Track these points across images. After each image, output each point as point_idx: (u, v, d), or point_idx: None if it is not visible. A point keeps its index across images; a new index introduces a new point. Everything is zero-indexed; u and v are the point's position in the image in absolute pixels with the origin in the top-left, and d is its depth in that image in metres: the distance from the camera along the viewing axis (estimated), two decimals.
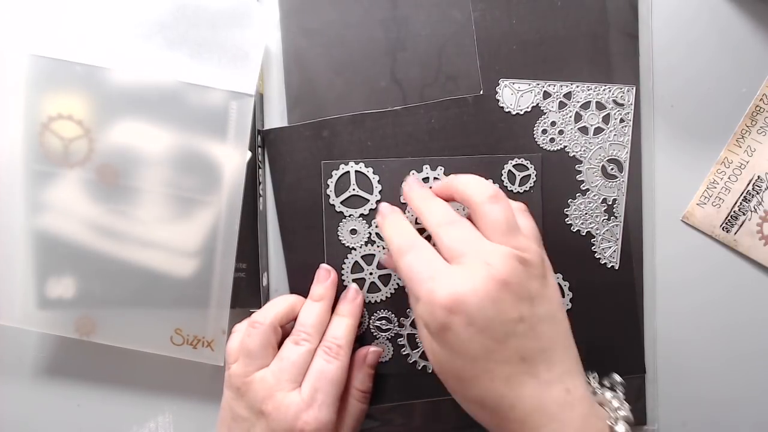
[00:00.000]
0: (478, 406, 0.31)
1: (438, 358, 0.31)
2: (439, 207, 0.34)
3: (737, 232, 0.41)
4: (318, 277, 0.40)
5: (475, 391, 0.30)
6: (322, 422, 0.35)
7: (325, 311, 0.39)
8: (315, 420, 0.35)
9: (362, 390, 0.39)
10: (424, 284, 0.30)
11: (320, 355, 0.37)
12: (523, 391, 0.29)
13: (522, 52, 0.40)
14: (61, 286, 0.38)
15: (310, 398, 0.35)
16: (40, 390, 0.43)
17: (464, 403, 0.31)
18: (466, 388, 0.30)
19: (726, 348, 0.42)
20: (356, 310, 0.39)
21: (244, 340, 0.37)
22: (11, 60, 0.37)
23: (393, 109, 0.40)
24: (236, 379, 0.36)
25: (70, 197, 0.38)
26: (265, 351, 0.36)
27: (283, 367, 0.36)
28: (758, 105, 0.40)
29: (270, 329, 0.37)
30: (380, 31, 0.41)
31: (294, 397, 0.35)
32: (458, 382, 0.31)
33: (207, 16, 0.37)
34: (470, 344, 0.29)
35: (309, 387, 0.35)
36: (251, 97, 0.37)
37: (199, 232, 0.38)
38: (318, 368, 0.36)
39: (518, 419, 0.29)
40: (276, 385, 0.35)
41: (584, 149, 0.40)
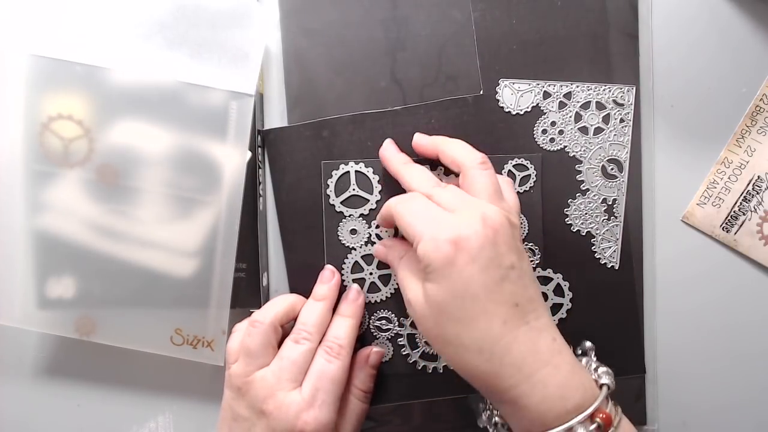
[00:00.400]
0: (476, 351, 0.31)
1: (436, 304, 0.31)
2: (422, 172, 0.36)
3: (737, 232, 0.41)
4: (322, 277, 0.40)
5: (474, 334, 0.30)
6: (322, 422, 0.35)
7: (326, 311, 0.39)
8: (315, 420, 0.35)
9: (363, 390, 0.39)
10: (427, 224, 0.32)
11: (321, 355, 0.37)
12: (518, 334, 0.31)
13: (522, 52, 0.40)
14: (61, 286, 0.38)
15: (310, 398, 0.35)
16: (40, 390, 0.43)
17: (460, 353, 0.31)
18: (464, 332, 0.31)
19: (726, 348, 0.42)
20: (358, 311, 0.39)
21: (245, 340, 0.37)
22: (11, 60, 0.37)
23: (393, 109, 0.40)
24: (237, 378, 0.36)
25: (70, 197, 0.38)
26: (265, 350, 0.36)
27: (283, 366, 0.36)
28: (758, 105, 0.40)
29: (270, 328, 0.37)
30: (380, 31, 0.41)
31: (294, 396, 0.35)
32: (456, 326, 0.31)
33: (207, 16, 0.37)
34: (472, 282, 0.30)
35: (310, 386, 0.35)
36: (251, 97, 0.37)
37: (199, 232, 0.38)
38: (319, 368, 0.36)
39: (514, 363, 0.30)
40: (276, 384, 0.35)
41: (584, 149, 0.40)
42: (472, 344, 0.31)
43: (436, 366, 0.41)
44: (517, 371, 0.30)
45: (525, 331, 0.31)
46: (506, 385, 0.30)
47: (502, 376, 0.30)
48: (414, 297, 0.33)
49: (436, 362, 0.41)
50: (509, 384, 0.30)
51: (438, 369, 0.41)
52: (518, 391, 0.30)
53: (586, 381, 0.31)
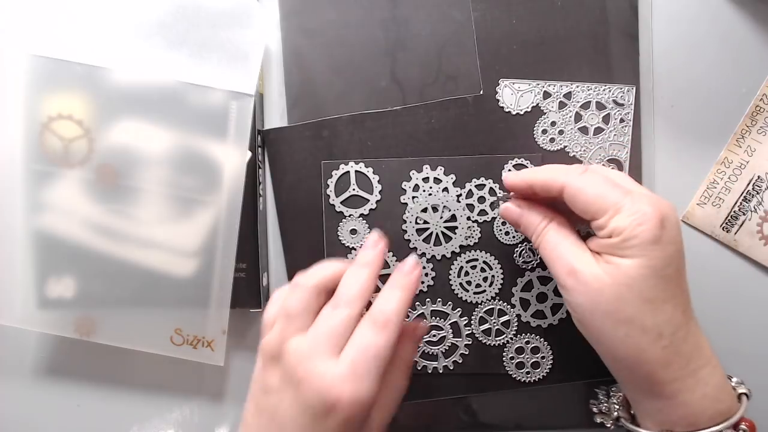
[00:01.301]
0: (655, 336, 0.30)
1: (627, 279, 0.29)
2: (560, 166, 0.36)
3: (737, 232, 0.41)
4: (367, 243, 0.35)
5: (660, 317, 0.29)
6: (359, 396, 0.30)
7: (371, 279, 0.34)
8: (352, 393, 0.30)
9: (406, 363, 0.35)
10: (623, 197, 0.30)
11: (365, 325, 0.32)
12: (691, 326, 0.30)
13: (522, 52, 0.40)
14: (61, 286, 0.38)
15: (349, 369, 0.30)
16: (40, 390, 0.43)
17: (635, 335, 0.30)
18: (649, 313, 0.29)
19: (726, 348, 0.42)
20: (412, 285, 0.34)
21: (285, 300, 0.33)
22: (11, 60, 0.37)
23: (393, 109, 0.40)
24: (271, 344, 0.32)
25: (69, 197, 0.38)
26: (305, 314, 0.33)
27: (320, 332, 0.32)
28: (758, 105, 0.40)
29: (313, 291, 0.33)
30: (380, 31, 0.41)
31: (331, 365, 0.30)
32: (643, 306, 0.29)
33: (207, 16, 0.37)
34: (671, 262, 0.29)
35: (349, 357, 0.31)
36: (251, 97, 0.37)
37: (199, 232, 0.38)
38: (362, 338, 0.31)
39: (686, 354, 0.30)
40: (312, 351, 0.31)
41: (584, 149, 0.40)
42: (653, 328, 0.29)
43: (436, 366, 0.41)
44: (686, 364, 0.30)
45: (694, 323, 0.30)
46: (671, 377, 0.30)
47: (672, 367, 0.30)
48: (587, 269, 0.31)
49: (436, 362, 0.41)
50: (675, 376, 0.30)
51: (438, 369, 0.41)
52: (681, 385, 0.30)
53: (730, 387, 0.31)
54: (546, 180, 0.33)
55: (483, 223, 0.40)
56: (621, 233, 0.30)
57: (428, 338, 0.41)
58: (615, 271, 0.30)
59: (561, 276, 0.32)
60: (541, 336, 0.40)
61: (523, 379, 0.41)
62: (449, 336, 0.41)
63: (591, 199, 0.31)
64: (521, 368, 0.40)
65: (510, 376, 0.41)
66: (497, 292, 0.40)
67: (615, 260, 0.30)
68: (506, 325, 0.40)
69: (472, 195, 0.40)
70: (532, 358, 0.40)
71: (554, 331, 0.40)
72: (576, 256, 0.31)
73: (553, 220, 0.34)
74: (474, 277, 0.40)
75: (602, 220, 0.30)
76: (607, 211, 0.30)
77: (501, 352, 0.41)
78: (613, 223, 0.30)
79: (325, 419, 0.30)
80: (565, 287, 0.32)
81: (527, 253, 0.40)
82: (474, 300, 0.40)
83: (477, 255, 0.40)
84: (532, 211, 0.35)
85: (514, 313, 0.40)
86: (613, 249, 0.30)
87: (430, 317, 0.41)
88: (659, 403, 0.31)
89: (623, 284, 0.29)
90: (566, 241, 0.32)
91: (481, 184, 0.40)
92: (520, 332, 0.40)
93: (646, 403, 0.32)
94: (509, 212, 0.36)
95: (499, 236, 0.40)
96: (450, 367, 0.41)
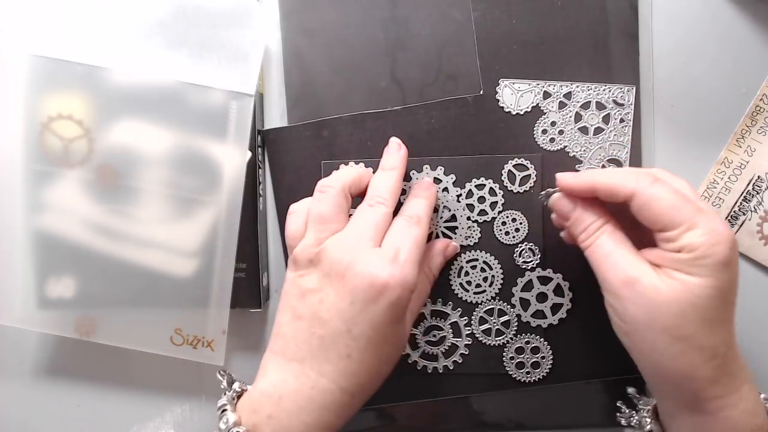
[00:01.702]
0: (709, 355, 0.29)
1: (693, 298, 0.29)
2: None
3: (737, 232, 0.41)
4: (388, 149, 0.38)
5: (717, 337, 0.29)
6: (407, 279, 0.31)
7: (399, 180, 0.36)
8: (402, 275, 0.31)
9: (434, 273, 0.38)
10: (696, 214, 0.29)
11: (401, 221, 0.34)
12: (734, 346, 0.31)
13: (522, 52, 0.40)
14: (61, 286, 0.38)
15: (394, 255, 0.32)
16: (40, 390, 0.43)
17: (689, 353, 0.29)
18: (708, 333, 0.29)
19: None
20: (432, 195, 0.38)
21: (314, 206, 0.34)
22: (11, 60, 0.37)
23: (393, 109, 0.40)
24: (306, 250, 0.33)
25: (70, 197, 0.38)
26: (338, 215, 0.34)
27: (360, 226, 0.33)
28: (758, 105, 0.40)
29: (342, 193, 0.34)
30: (380, 31, 0.41)
31: (376, 253, 0.32)
32: (703, 326, 0.29)
33: (207, 16, 0.37)
34: (734, 284, 0.30)
35: (392, 245, 0.32)
36: (251, 97, 0.37)
37: (199, 232, 0.38)
38: (400, 229, 0.33)
39: (732, 373, 0.30)
40: (356, 242, 0.32)
41: (584, 149, 0.40)
42: (709, 348, 0.29)
43: (437, 366, 0.41)
44: (732, 381, 0.30)
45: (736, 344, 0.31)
46: (716, 394, 0.30)
47: (719, 384, 0.30)
48: (647, 281, 0.30)
49: (437, 362, 0.41)
50: (720, 393, 0.30)
51: (438, 369, 0.41)
52: (725, 402, 0.30)
53: (762, 402, 0.31)
54: (614, 185, 0.32)
55: (483, 223, 0.40)
56: (694, 250, 0.29)
57: (428, 338, 0.41)
58: (680, 288, 0.29)
59: (614, 284, 0.31)
60: (541, 336, 0.40)
61: (523, 379, 0.41)
62: (449, 336, 0.41)
63: (664, 210, 0.30)
64: (521, 368, 0.40)
65: (510, 376, 0.41)
66: (497, 292, 0.40)
67: (681, 276, 0.29)
68: (506, 325, 0.40)
69: (472, 195, 0.40)
70: (532, 358, 0.40)
71: (554, 331, 0.40)
72: (635, 265, 0.31)
73: (608, 222, 0.33)
74: (474, 277, 0.40)
75: (673, 233, 0.30)
76: (681, 225, 0.29)
77: (501, 352, 0.41)
78: (687, 239, 0.29)
79: (375, 304, 0.31)
80: (619, 297, 0.31)
81: (527, 253, 0.40)
82: (474, 300, 0.40)
83: (477, 255, 0.40)
84: (587, 207, 0.33)
85: (514, 313, 0.40)
86: (682, 265, 0.29)
87: (430, 317, 0.41)
88: (699, 418, 0.30)
89: (687, 302, 0.29)
90: (623, 247, 0.32)
91: (481, 184, 0.40)
92: (520, 332, 0.40)
93: (685, 417, 0.31)
94: (560, 204, 0.34)
95: (499, 236, 0.40)
96: (450, 367, 0.41)
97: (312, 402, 0.31)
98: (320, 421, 0.31)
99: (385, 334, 0.31)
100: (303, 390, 0.31)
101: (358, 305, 0.31)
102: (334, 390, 0.31)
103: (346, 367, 0.31)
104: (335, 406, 0.31)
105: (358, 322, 0.31)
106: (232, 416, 0.31)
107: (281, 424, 0.30)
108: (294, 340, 0.32)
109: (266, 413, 0.31)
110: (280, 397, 0.31)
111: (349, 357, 0.31)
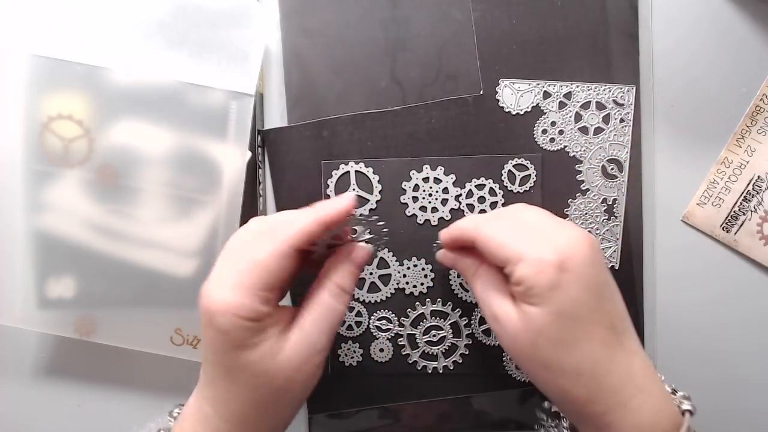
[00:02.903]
0: (574, 375, 0.29)
1: (536, 327, 0.29)
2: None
3: (737, 232, 0.41)
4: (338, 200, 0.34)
5: (575, 357, 0.29)
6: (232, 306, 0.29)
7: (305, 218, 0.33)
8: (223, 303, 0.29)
9: (342, 286, 0.33)
10: (524, 245, 0.30)
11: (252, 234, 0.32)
12: (615, 356, 0.30)
13: (522, 52, 0.40)
14: (61, 286, 0.38)
15: (228, 276, 0.30)
16: (40, 390, 0.43)
17: (556, 377, 0.30)
18: (564, 356, 0.29)
19: (726, 348, 0.42)
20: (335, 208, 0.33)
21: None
22: (11, 60, 0.37)
23: (393, 109, 0.40)
24: None
25: (70, 197, 0.38)
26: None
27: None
28: (758, 105, 0.40)
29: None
30: (380, 31, 0.41)
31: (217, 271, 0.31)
32: (556, 349, 0.29)
33: (207, 16, 0.37)
34: (576, 302, 0.29)
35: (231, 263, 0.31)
36: (251, 97, 0.37)
37: (199, 232, 0.38)
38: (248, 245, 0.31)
39: (611, 387, 0.29)
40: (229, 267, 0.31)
41: (584, 149, 0.40)
42: (571, 368, 0.29)
43: (436, 366, 0.41)
44: (613, 395, 0.29)
45: (622, 353, 0.30)
46: (601, 410, 0.29)
47: (598, 401, 0.29)
48: (505, 317, 0.31)
49: (436, 362, 0.41)
50: (603, 410, 0.29)
51: (438, 369, 0.41)
52: (612, 417, 0.29)
53: (672, 407, 0.31)
54: (462, 232, 0.34)
55: None
56: (523, 283, 0.30)
57: (428, 338, 0.41)
58: (526, 318, 0.30)
59: (488, 321, 0.33)
60: None
61: (523, 379, 0.41)
62: (449, 336, 0.41)
63: (496, 248, 0.31)
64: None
65: (510, 376, 0.41)
66: None
67: (525, 307, 0.30)
68: None
69: (472, 195, 0.40)
70: None
71: None
72: (498, 302, 0.32)
73: (481, 266, 0.34)
74: None
75: (508, 268, 0.31)
76: (511, 260, 0.30)
77: (501, 352, 0.41)
78: (518, 272, 0.30)
79: (207, 328, 0.30)
80: (494, 332, 0.33)
81: None
82: (474, 300, 0.40)
83: None
84: (464, 257, 0.35)
85: None
86: (522, 297, 0.30)
87: (430, 317, 0.41)
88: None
89: (534, 331, 0.29)
90: (490, 286, 0.33)
91: (481, 184, 0.40)
92: None
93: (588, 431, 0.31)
94: (444, 259, 0.37)
95: None
96: (450, 367, 0.41)
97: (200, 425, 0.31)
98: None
99: (233, 361, 0.30)
100: (197, 415, 0.31)
101: (203, 331, 0.31)
102: (213, 416, 0.31)
103: (218, 394, 0.31)
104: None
105: (206, 346, 0.31)
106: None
107: None
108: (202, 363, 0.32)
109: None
110: (183, 421, 0.32)
111: (214, 384, 0.31)
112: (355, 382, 0.41)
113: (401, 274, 0.40)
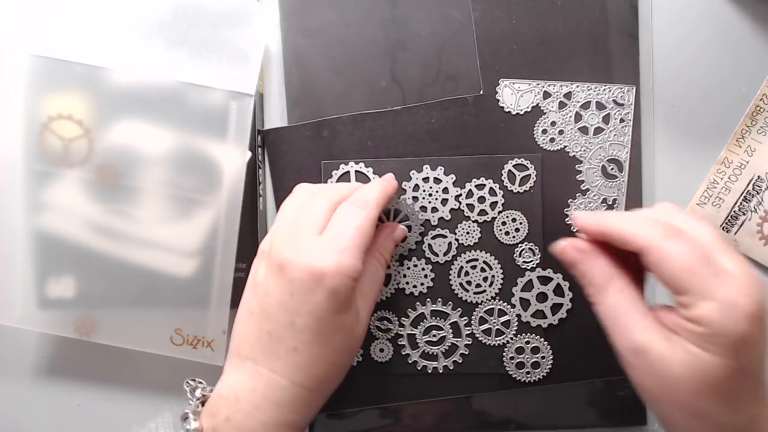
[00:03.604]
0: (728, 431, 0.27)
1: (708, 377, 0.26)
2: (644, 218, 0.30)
3: (737, 232, 0.41)
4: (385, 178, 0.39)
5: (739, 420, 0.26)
6: (345, 266, 0.30)
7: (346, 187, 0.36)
8: (338, 262, 0.30)
9: (384, 257, 0.36)
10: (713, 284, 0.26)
11: (345, 206, 0.33)
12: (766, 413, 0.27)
13: (522, 52, 0.40)
14: (61, 286, 0.38)
15: (332, 241, 0.31)
16: (40, 390, 0.43)
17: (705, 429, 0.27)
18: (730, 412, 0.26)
19: None
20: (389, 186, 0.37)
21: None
22: (11, 60, 0.37)
23: (393, 109, 0.40)
24: (263, 245, 0.34)
25: (70, 197, 0.38)
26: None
27: (299, 216, 0.33)
28: (758, 105, 0.40)
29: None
30: (380, 31, 0.41)
31: (315, 241, 0.31)
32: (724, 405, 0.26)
33: (207, 16, 0.37)
34: (760, 360, 0.26)
35: (330, 232, 0.32)
36: (251, 97, 0.37)
37: (199, 232, 0.38)
38: (342, 215, 0.32)
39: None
40: (297, 233, 0.32)
41: (584, 149, 0.40)
42: (729, 425, 0.26)
43: (437, 366, 0.41)
44: None
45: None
46: None
47: None
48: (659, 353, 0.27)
49: (437, 362, 0.41)
50: None
51: (438, 369, 0.41)
52: None
53: None
54: (626, 234, 0.29)
55: (483, 223, 0.40)
56: (708, 325, 0.26)
57: (428, 338, 0.41)
58: (695, 363, 0.26)
59: (623, 351, 0.29)
60: (541, 336, 0.40)
61: (523, 379, 0.41)
62: (449, 336, 0.41)
63: (678, 273, 0.26)
64: (521, 368, 0.40)
65: (510, 376, 0.41)
66: (497, 292, 0.40)
67: (696, 351, 0.26)
68: (506, 325, 0.40)
69: (472, 195, 0.40)
70: (532, 358, 0.40)
71: (554, 331, 0.40)
72: (644, 332, 0.27)
73: (617, 278, 0.29)
74: (474, 277, 0.40)
75: (687, 299, 0.26)
76: (695, 293, 0.26)
77: (501, 352, 0.41)
78: (701, 310, 0.26)
79: (313, 294, 0.30)
80: (630, 364, 0.28)
81: (527, 253, 0.40)
82: (474, 300, 0.40)
83: (477, 255, 0.40)
84: (595, 260, 0.30)
85: (514, 313, 0.40)
86: (696, 338, 0.26)
87: (430, 317, 0.41)
88: None
89: (702, 381, 0.26)
90: (632, 308, 0.28)
91: (481, 184, 0.40)
92: (520, 332, 0.40)
93: None
94: (565, 254, 0.32)
95: (499, 236, 0.40)
96: (450, 367, 0.41)
97: (267, 400, 0.30)
98: (278, 419, 0.31)
99: (330, 324, 0.31)
100: (258, 389, 0.31)
101: (297, 297, 0.30)
102: (287, 386, 0.31)
103: (295, 361, 0.31)
104: (291, 403, 0.31)
105: (300, 313, 0.30)
106: (193, 423, 0.31)
107: (238, 426, 0.30)
108: (246, 337, 0.32)
109: (224, 416, 0.31)
110: (236, 398, 0.31)
111: (297, 350, 0.31)
112: (356, 382, 0.41)
113: (401, 274, 0.40)
